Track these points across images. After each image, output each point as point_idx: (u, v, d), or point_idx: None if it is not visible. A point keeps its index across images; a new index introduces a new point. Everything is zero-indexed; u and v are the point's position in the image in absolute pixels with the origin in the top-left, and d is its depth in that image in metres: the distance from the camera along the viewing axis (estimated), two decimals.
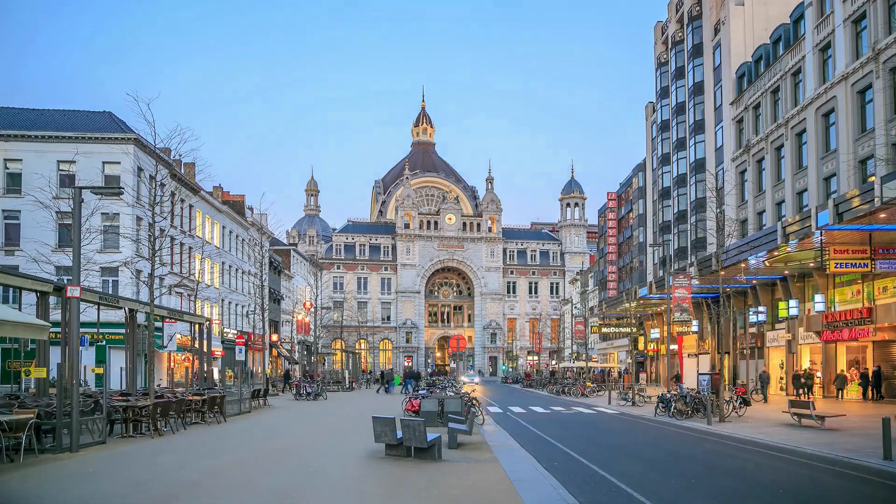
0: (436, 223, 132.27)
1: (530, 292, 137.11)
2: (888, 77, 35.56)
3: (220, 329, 59.90)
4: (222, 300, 63.77)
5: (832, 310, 39.24)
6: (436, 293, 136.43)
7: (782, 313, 44.30)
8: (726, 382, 37.69)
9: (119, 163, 45.91)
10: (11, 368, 33.51)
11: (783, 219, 41.75)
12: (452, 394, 31.31)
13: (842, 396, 38.42)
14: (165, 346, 43.96)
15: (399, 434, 16.80)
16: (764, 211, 48.93)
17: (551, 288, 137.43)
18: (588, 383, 55.36)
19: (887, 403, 34.51)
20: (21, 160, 46.18)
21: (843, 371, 39.97)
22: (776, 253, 36.86)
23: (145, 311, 26.87)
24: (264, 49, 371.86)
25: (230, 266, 66.79)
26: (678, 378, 48.63)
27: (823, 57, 42.32)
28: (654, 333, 65.67)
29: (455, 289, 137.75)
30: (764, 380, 41.95)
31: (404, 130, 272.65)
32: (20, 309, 23.51)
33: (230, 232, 67.51)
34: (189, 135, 25.68)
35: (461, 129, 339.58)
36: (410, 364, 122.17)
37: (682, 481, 14.84)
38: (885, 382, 36.82)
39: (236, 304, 68.56)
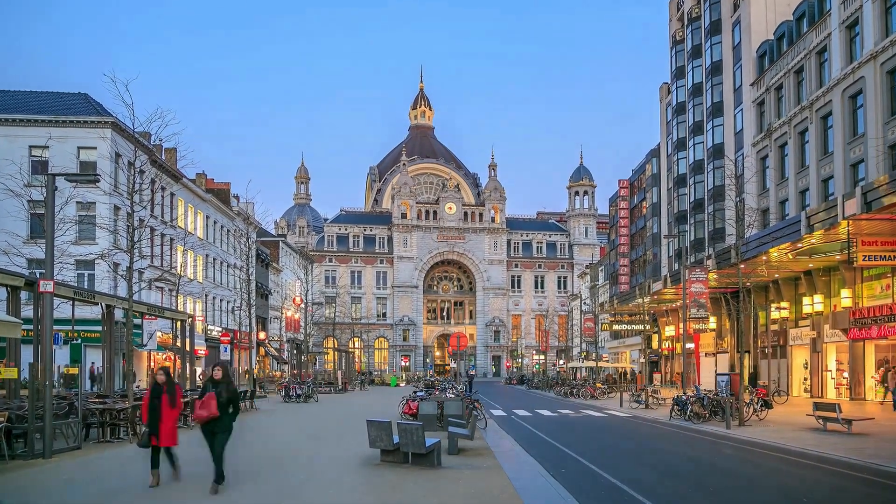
0: (435, 213, 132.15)
1: (536, 287, 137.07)
2: None
3: (203, 326, 59.90)
4: (206, 295, 63.75)
5: (860, 306, 39.19)
6: (435, 288, 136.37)
7: (806, 309, 44.24)
8: (745, 383, 37.58)
9: (95, 148, 45.82)
10: None
11: (807, 208, 41.67)
12: (453, 395, 31.29)
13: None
14: (145, 345, 43.97)
15: (396, 439, 16.76)
16: (787, 199, 48.83)
17: (559, 282, 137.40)
18: (598, 384, 55.37)
19: None
20: None
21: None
22: (800, 245, 36.78)
23: (123, 307, 26.79)
24: (251, 27, 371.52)
25: (214, 259, 66.76)
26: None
27: (850, 34, 42.17)
28: (669, 331, 65.63)
29: (455, 283, 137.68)
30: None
31: (401, 113, 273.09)
32: None
33: (214, 222, 67.45)
34: (170, 118, 25.60)
35: (462, 112, 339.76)
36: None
37: (700, 490, 14.80)
38: None
39: (221, 300, 68.54)
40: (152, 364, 50.09)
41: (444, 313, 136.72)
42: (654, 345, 71.25)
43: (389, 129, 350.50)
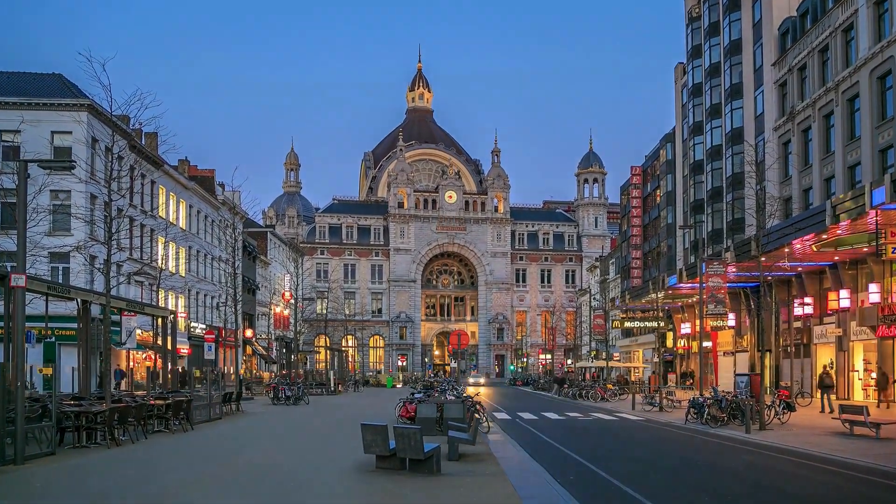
0: (434, 202, 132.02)
1: (542, 281, 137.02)
2: None
3: (186, 323, 59.91)
4: (189, 290, 63.73)
5: (889, 301, 39.13)
6: (434, 282, 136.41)
7: (832, 305, 44.14)
8: (767, 385, 37.84)
9: (70, 132, 45.65)
10: None
11: (833, 196, 41.63)
12: (453, 398, 31.32)
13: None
14: (124, 343, 43.97)
15: (392, 444, 16.76)
16: (810, 188, 48.78)
17: (566, 276, 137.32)
18: (609, 385, 55.43)
19: None
20: None
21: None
22: (824, 236, 36.73)
23: (100, 303, 26.78)
24: (234, 2, 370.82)
25: (198, 251, 66.73)
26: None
27: (879, 11, 42.03)
28: (685, 328, 65.63)
29: (456, 277, 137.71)
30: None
31: (398, 95, 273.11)
32: None
33: (198, 212, 67.41)
34: (151, 100, 25.78)
35: (463, 94, 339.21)
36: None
37: (718, 499, 14.82)
38: None
39: (205, 295, 68.54)
40: (131, 364, 50.11)
41: (444, 309, 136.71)
42: (669, 343, 71.25)
43: (385, 113, 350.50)
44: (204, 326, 64.83)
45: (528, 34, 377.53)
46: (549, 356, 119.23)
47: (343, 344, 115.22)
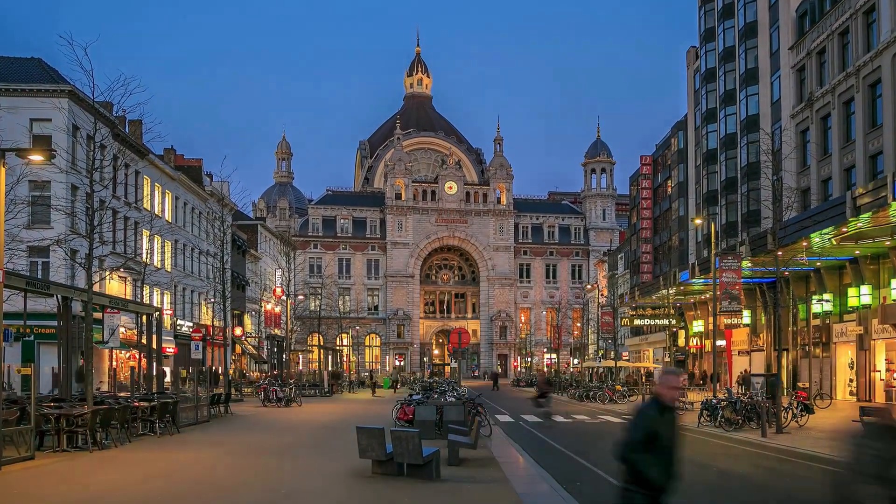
0: (433, 193, 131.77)
1: (547, 276, 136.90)
2: None
3: (172, 321, 59.88)
4: (175, 286, 63.70)
5: None
6: (433, 277, 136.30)
7: (852, 302, 44.15)
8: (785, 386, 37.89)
9: (50, 120, 45.58)
10: None
11: (853, 188, 41.58)
12: (453, 399, 31.27)
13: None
14: (106, 342, 43.88)
15: (389, 448, 16.73)
16: (830, 178, 48.73)
17: (573, 271, 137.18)
18: (618, 387, 55.37)
19: None
20: None
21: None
22: (844, 229, 36.69)
23: (82, 300, 26.73)
24: None
25: (185, 245, 66.69)
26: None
27: None
28: (697, 326, 65.62)
29: (456, 272, 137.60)
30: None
31: (395, 81, 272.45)
32: None
33: (185, 203, 67.34)
34: (135, 86, 25.80)
35: (464, 79, 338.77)
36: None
37: None
38: None
39: (192, 292, 68.50)
40: (114, 364, 50.07)
41: (444, 306, 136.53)
42: (681, 342, 71.24)
43: (382, 99, 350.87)
44: (191, 324, 64.83)
45: (532, 17, 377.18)
46: (554, 355, 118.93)
47: (337, 343, 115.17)
